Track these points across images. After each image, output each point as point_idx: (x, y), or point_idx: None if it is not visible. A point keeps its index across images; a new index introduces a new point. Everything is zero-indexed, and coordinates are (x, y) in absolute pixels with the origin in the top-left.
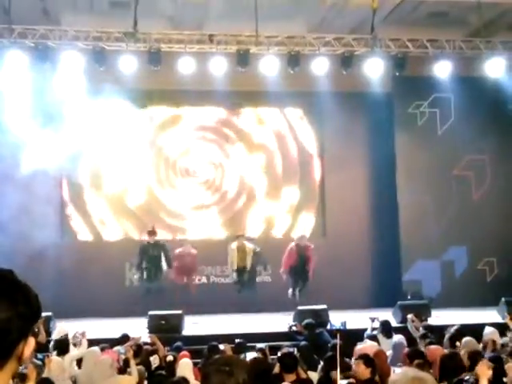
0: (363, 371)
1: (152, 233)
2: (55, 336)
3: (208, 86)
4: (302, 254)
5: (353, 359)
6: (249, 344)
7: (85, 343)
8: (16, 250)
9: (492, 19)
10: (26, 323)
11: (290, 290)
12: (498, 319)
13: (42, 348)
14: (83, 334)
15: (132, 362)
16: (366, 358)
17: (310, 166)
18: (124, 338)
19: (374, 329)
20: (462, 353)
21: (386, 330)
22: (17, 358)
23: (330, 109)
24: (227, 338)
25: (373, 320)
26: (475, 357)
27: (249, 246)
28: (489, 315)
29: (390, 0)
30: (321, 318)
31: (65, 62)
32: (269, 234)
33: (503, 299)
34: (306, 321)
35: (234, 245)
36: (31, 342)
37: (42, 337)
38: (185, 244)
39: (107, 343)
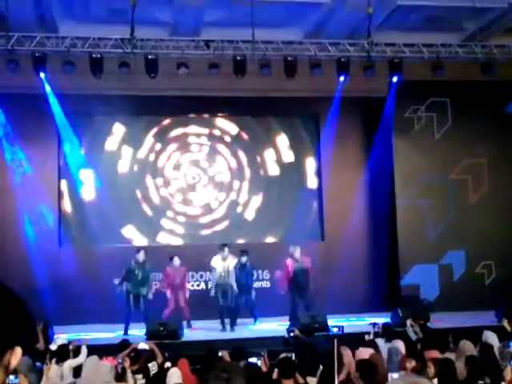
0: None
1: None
2: (54, 347)
3: (204, 93)
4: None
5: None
6: (247, 350)
7: (84, 351)
8: (15, 257)
9: (487, 23)
10: (12, 333)
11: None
12: (497, 322)
13: (40, 356)
14: (83, 342)
15: (128, 372)
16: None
17: (308, 171)
18: (124, 344)
19: (375, 334)
20: (457, 356)
21: (387, 334)
22: (4, 368)
23: (327, 114)
24: (226, 344)
25: (374, 326)
26: (472, 362)
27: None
28: (487, 318)
29: (385, 5)
30: (319, 323)
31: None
32: (267, 238)
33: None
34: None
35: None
36: (18, 352)
37: (41, 344)
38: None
39: (107, 349)
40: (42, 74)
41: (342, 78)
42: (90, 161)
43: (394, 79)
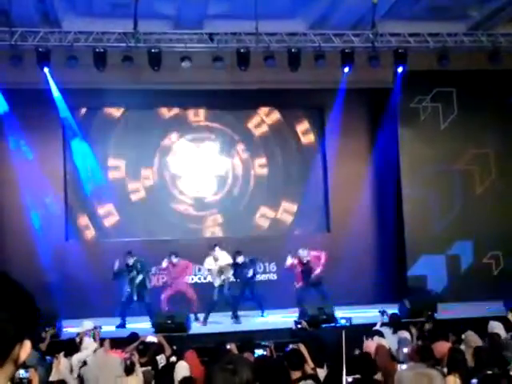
0: None
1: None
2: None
3: (208, 86)
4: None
5: None
6: (255, 342)
7: (93, 344)
8: (21, 251)
9: (493, 12)
10: (21, 326)
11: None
12: (504, 313)
13: (45, 352)
14: (97, 328)
15: (137, 365)
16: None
17: (313, 163)
18: (133, 337)
19: (383, 323)
20: (464, 347)
21: (395, 324)
22: (13, 362)
23: (332, 105)
24: (233, 337)
25: (382, 313)
26: (479, 353)
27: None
28: (495, 309)
29: None
30: (326, 315)
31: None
32: (273, 230)
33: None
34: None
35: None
36: (27, 346)
37: (44, 345)
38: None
39: (115, 342)
40: (45, 69)
41: (346, 69)
42: (95, 154)
43: (400, 69)
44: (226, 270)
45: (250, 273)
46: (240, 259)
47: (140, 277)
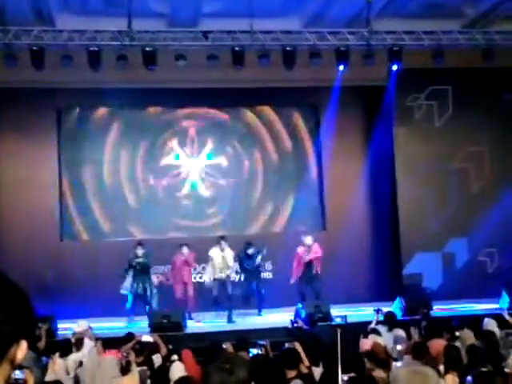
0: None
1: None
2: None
3: (203, 84)
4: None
5: None
6: (251, 341)
7: (89, 344)
8: (17, 252)
9: (488, 10)
10: (17, 327)
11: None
12: (500, 310)
13: (43, 351)
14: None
15: (134, 365)
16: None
17: (308, 161)
18: (128, 337)
19: (378, 322)
20: (459, 345)
21: (390, 322)
22: (9, 362)
23: (327, 104)
24: (229, 336)
25: (377, 311)
26: (473, 351)
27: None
28: (490, 306)
29: None
30: (322, 313)
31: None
32: (268, 229)
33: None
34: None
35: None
36: (23, 346)
37: (42, 344)
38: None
39: (110, 343)
40: (40, 68)
41: (341, 68)
42: (90, 154)
43: (394, 67)
44: (226, 265)
45: (259, 259)
46: (251, 251)
47: (148, 267)
